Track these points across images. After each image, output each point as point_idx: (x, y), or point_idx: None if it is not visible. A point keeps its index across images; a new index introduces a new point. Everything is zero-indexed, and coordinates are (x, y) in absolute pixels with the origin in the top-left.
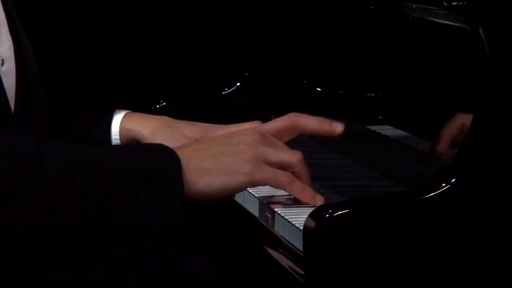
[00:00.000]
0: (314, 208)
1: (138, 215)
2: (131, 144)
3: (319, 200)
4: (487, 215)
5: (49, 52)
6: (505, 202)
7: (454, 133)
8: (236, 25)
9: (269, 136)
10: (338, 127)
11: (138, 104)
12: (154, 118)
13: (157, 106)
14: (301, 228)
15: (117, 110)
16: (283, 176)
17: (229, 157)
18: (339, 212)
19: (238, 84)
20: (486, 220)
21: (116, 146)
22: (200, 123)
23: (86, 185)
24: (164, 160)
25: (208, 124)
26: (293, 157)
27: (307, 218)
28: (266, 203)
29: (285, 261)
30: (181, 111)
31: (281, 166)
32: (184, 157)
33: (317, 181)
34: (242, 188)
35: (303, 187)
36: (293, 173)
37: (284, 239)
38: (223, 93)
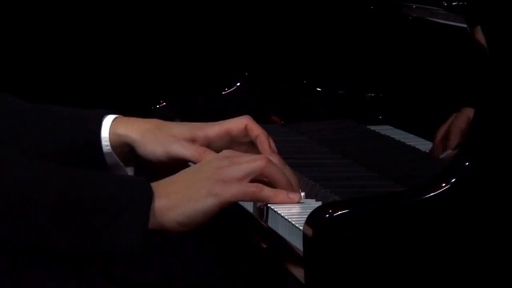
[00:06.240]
0: (304, 202)
1: (101, 242)
2: (112, 175)
3: (296, 197)
4: (487, 215)
5: (48, 51)
6: (505, 202)
7: (454, 133)
8: (236, 25)
9: (234, 155)
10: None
11: (138, 104)
12: (143, 122)
13: (157, 106)
14: (291, 221)
15: (106, 115)
16: (250, 187)
17: (197, 185)
18: (339, 212)
19: (238, 84)
20: (486, 220)
21: (94, 174)
22: (189, 123)
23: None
24: (137, 192)
25: (198, 123)
26: (256, 165)
27: (307, 218)
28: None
29: (283, 260)
30: (181, 111)
31: (253, 179)
32: (158, 191)
33: (317, 181)
34: (213, 210)
35: (273, 191)
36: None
37: (280, 236)
38: (223, 93)
